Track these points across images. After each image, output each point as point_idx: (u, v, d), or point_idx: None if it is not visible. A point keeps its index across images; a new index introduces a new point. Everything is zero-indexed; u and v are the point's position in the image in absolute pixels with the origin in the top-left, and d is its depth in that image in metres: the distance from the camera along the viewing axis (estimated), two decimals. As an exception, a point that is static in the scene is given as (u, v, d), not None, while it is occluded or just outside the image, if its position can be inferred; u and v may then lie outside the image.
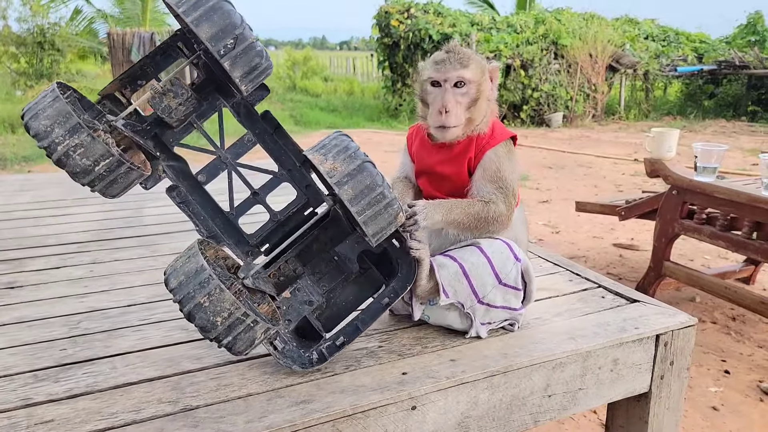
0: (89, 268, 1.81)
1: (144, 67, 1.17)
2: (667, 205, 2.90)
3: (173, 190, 1.20)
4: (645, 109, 12.99)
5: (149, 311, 1.49)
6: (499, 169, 1.22)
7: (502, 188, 1.22)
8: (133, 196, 2.79)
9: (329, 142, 1.04)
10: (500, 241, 1.24)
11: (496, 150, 1.24)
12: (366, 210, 0.99)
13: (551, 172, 6.90)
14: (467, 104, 1.22)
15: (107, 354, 1.26)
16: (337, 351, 1.15)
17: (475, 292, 1.21)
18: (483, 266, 1.20)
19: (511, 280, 1.23)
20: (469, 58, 1.24)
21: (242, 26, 1.00)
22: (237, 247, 1.22)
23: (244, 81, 1.03)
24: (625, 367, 1.29)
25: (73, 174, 0.98)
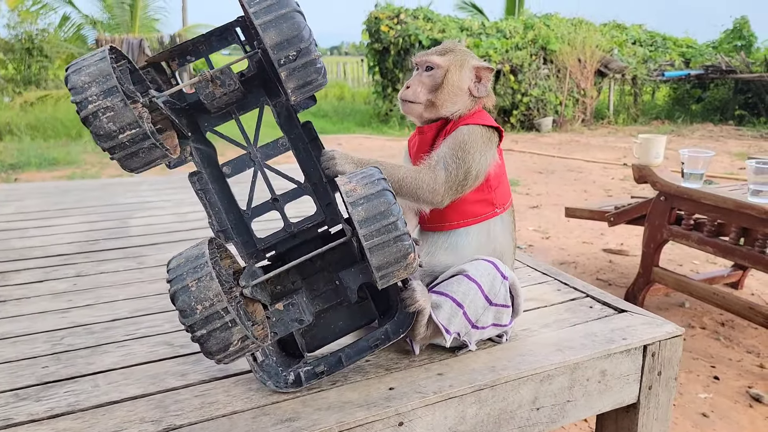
0: (73, 282, 1.78)
1: (197, 45, 1.16)
2: (656, 211, 2.91)
3: (195, 176, 1.18)
4: (634, 114, 13.11)
5: (134, 326, 1.47)
6: (466, 142, 1.18)
7: (455, 158, 1.16)
8: (119, 206, 2.76)
9: (360, 172, 1.03)
10: (485, 261, 1.22)
11: (472, 127, 1.21)
12: (374, 236, 0.95)
13: (541, 177, 6.93)
14: (430, 86, 1.25)
15: (90, 371, 1.24)
16: (314, 379, 1.13)
17: (469, 319, 1.21)
18: (473, 292, 1.19)
19: (500, 299, 1.23)
20: (448, 50, 1.27)
21: (308, 41, 1.00)
22: (243, 247, 1.21)
23: (295, 92, 1.04)
24: (613, 378, 1.29)
25: (97, 136, 0.95)
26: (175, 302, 0.95)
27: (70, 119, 10.16)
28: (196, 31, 15.56)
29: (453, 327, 1.20)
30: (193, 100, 1.16)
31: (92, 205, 2.78)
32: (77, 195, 3.01)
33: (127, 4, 14.14)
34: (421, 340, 1.24)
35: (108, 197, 2.95)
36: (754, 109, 12.27)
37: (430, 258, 1.31)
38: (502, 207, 1.28)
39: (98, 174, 7.08)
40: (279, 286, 1.22)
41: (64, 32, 15.28)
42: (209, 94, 1.10)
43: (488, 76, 1.27)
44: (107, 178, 6.73)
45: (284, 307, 1.17)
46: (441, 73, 1.25)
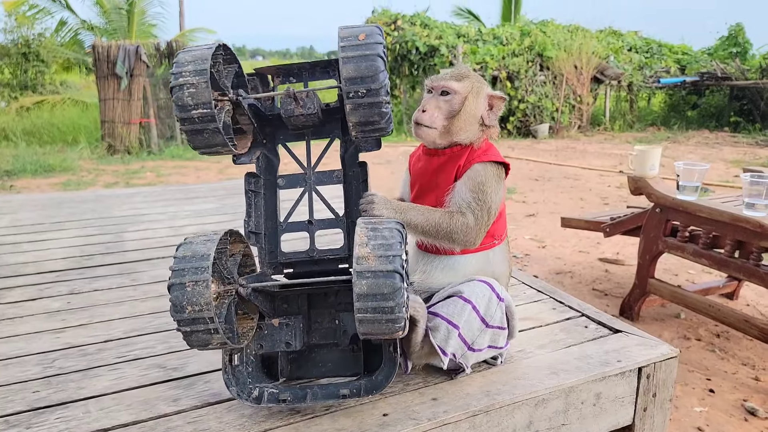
0: (67, 300, 1.77)
1: (302, 69, 1.26)
2: (651, 223, 2.92)
3: (252, 177, 1.26)
4: (630, 120, 13.17)
5: (127, 347, 1.46)
6: (484, 183, 1.21)
7: (478, 201, 1.20)
8: (114, 219, 2.75)
9: (384, 228, 1.01)
10: (480, 282, 1.23)
11: (486, 165, 1.23)
12: (367, 313, 0.96)
13: (538, 185, 6.94)
14: (447, 111, 1.24)
15: (81, 397, 1.23)
16: (275, 403, 1.12)
17: (465, 341, 1.20)
18: (469, 314, 1.19)
19: (497, 321, 1.22)
20: (464, 76, 1.27)
21: (381, 84, 1.05)
22: (267, 255, 1.25)
23: (356, 128, 1.10)
24: (608, 400, 1.28)
25: (176, 105, 1.05)
26: (170, 293, 1.00)
27: (67, 125, 10.16)
28: (193, 36, 15.56)
29: (449, 348, 1.20)
30: (277, 113, 1.24)
31: (87, 218, 2.77)
32: (72, 207, 3.00)
33: (124, 9, 14.13)
34: (416, 358, 1.23)
35: (103, 209, 2.94)
36: (749, 116, 12.34)
37: (426, 277, 1.30)
38: (500, 239, 1.30)
39: (94, 181, 7.06)
40: (285, 304, 1.24)
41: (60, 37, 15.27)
42: (290, 111, 1.17)
43: (500, 106, 1.28)
44: (102, 186, 6.72)
45: (279, 324, 1.18)
46: (459, 99, 1.24)
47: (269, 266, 1.25)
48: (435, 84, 1.27)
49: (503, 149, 9.89)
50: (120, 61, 8.72)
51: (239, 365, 1.16)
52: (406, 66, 12.57)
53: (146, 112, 9.23)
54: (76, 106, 11.19)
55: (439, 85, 1.25)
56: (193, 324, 0.99)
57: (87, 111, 10.84)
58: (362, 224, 1.02)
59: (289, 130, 1.26)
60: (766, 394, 2.36)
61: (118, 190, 3.54)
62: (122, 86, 8.85)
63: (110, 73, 8.87)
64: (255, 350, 1.18)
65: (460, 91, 1.24)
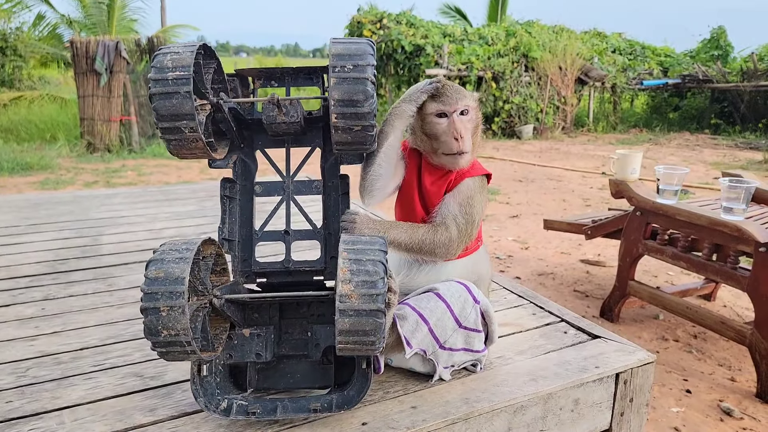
0: (41, 306, 1.73)
1: (285, 74, 1.24)
2: (631, 226, 2.95)
3: (228, 183, 1.23)
4: (613, 122, 13.32)
5: (102, 355, 1.43)
6: (472, 197, 1.23)
7: (465, 215, 1.22)
8: (92, 221, 2.71)
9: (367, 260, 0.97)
10: (458, 283, 1.23)
11: (474, 179, 1.26)
12: (348, 344, 0.97)
13: (521, 186, 6.99)
14: (472, 130, 1.25)
15: (55, 407, 1.20)
16: (243, 415, 1.10)
17: (436, 338, 1.20)
18: (442, 311, 1.20)
19: (471, 323, 1.23)
20: (462, 90, 1.26)
21: (368, 108, 1.05)
22: (240, 264, 1.23)
23: (339, 145, 1.12)
24: (586, 406, 1.29)
25: (156, 113, 1.02)
26: (144, 316, 0.97)
27: (45, 121, 9.95)
28: (175, 32, 15.36)
29: (415, 341, 1.20)
30: (257, 118, 1.22)
31: (64, 220, 2.72)
32: (48, 209, 2.94)
33: (104, 3, 13.89)
34: (385, 348, 1.21)
35: (80, 211, 2.88)
36: (729, 118, 12.57)
37: (409, 280, 1.31)
38: (481, 240, 1.33)
39: (73, 180, 6.94)
40: (256, 314, 1.21)
41: (38, 31, 14.97)
42: (271, 117, 1.15)
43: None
44: (82, 185, 6.60)
45: (249, 335, 1.17)
46: (474, 115, 1.25)
47: (242, 275, 1.23)
48: (455, 107, 1.21)
49: (488, 150, 9.95)
50: (99, 57, 8.58)
51: (207, 376, 1.14)
52: (391, 65, 12.56)
53: (126, 110, 9.09)
54: (55, 103, 10.96)
55: (458, 107, 1.22)
56: (168, 346, 0.97)
57: (66, 107, 10.63)
58: (345, 254, 0.98)
59: (268, 135, 1.24)
60: (741, 394, 2.41)
61: (96, 191, 3.47)
62: (102, 83, 8.71)
63: (89, 70, 8.71)
64: (224, 360, 1.17)
65: (474, 106, 1.25)
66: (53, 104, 10.89)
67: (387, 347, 1.22)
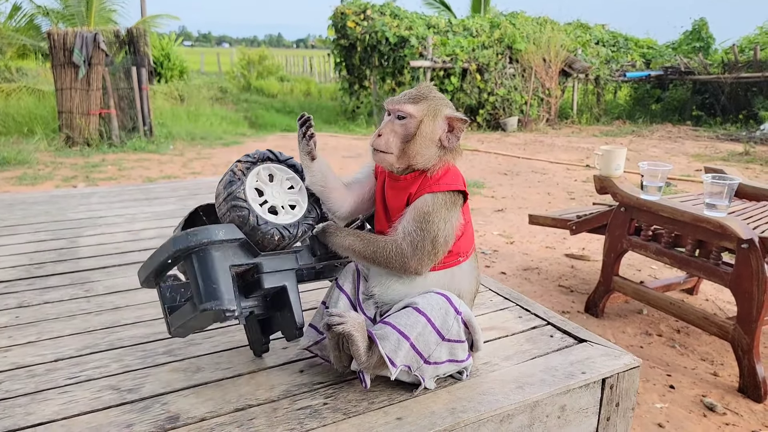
0: (15, 314, 1.68)
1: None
2: (616, 222, 2.96)
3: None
4: (596, 113, 13.41)
5: (78, 367, 1.38)
6: (429, 213, 1.17)
7: (420, 231, 1.16)
8: (69, 222, 2.64)
9: None
10: (437, 294, 1.20)
11: (436, 196, 1.19)
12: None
13: (506, 179, 7.01)
14: (402, 135, 1.21)
15: (29, 424, 1.16)
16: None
17: (420, 353, 1.18)
18: (423, 326, 1.17)
19: (453, 334, 1.20)
20: (422, 98, 1.22)
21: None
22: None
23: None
24: (572, 412, 1.29)
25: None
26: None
27: (22, 114, 9.70)
28: (155, 22, 15.07)
29: (399, 360, 1.17)
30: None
31: (39, 221, 2.64)
32: (23, 209, 2.86)
33: (83, -7, 13.56)
34: (368, 369, 1.20)
35: (56, 212, 2.81)
36: (710, 110, 12.72)
37: (384, 289, 1.27)
38: (465, 255, 1.27)
39: (51, 175, 6.79)
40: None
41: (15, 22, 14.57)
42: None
43: (461, 127, 1.22)
44: (60, 181, 6.46)
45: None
46: (414, 123, 1.20)
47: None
48: (391, 107, 1.24)
49: (473, 142, 9.95)
50: (77, 49, 8.37)
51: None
52: (376, 57, 12.47)
53: (106, 103, 8.89)
54: (32, 95, 10.69)
55: (394, 108, 1.23)
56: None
57: (44, 100, 10.37)
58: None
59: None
60: (724, 389, 2.44)
61: (73, 191, 3.39)
62: (80, 75, 8.50)
63: (67, 62, 8.50)
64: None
65: (415, 115, 1.20)
66: (31, 97, 10.61)
67: (371, 367, 1.19)
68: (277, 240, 1.22)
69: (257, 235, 1.20)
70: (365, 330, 1.19)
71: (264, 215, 1.22)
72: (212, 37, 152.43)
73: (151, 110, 9.44)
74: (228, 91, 14.99)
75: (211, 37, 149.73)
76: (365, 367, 1.19)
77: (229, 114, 12.52)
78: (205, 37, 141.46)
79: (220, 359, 1.43)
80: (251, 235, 1.20)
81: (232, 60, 20.42)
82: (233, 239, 1.17)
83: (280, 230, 1.22)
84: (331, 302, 1.31)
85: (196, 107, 12.14)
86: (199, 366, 1.39)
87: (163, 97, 12.41)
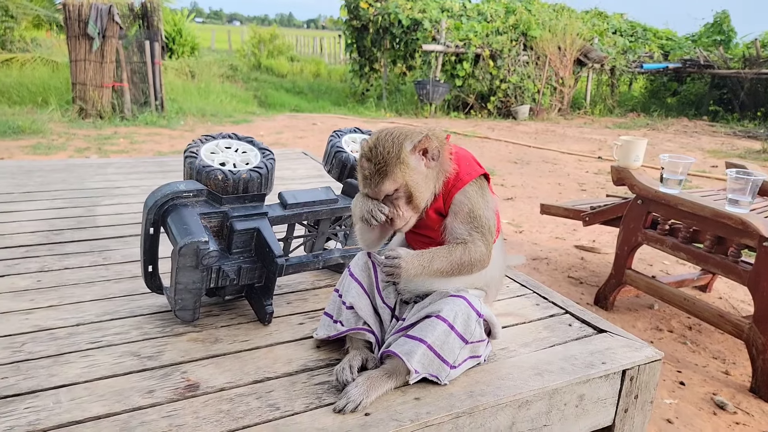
0: (36, 278, 1.69)
1: None
2: (632, 214, 2.94)
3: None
4: (610, 105, 13.24)
5: (99, 332, 1.40)
6: (472, 209, 1.18)
7: (478, 228, 1.18)
8: (86, 191, 2.64)
9: None
10: (458, 299, 1.19)
11: (465, 191, 1.19)
12: None
13: (516, 168, 6.96)
14: (404, 202, 1.17)
15: (52, 385, 1.17)
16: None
17: (446, 362, 1.19)
18: (448, 335, 1.17)
19: (476, 336, 1.22)
20: (385, 165, 1.14)
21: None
22: None
23: None
24: (591, 402, 1.29)
25: None
26: None
27: (36, 85, 9.70)
28: (170, -4, 14.94)
29: (428, 369, 1.18)
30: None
31: (58, 189, 2.65)
32: (42, 176, 2.86)
33: (97, -37, 13.42)
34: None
35: (74, 180, 2.81)
36: (728, 105, 12.51)
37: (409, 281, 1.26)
38: (498, 233, 1.26)
39: (65, 145, 6.80)
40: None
41: (30, -9, 14.47)
42: None
43: (430, 146, 1.16)
44: (73, 152, 6.47)
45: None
46: (403, 189, 1.15)
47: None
48: (373, 194, 1.17)
49: (483, 129, 9.87)
50: (92, 21, 8.32)
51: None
52: (388, 39, 12.33)
53: (119, 76, 8.86)
54: (47, 66, 10.67)
55: (378, 193, 1.16)
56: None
57: (58, 71, 10.35)
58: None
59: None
60: (735, 388, 2.43)
61: (90, 160, 3.39)
62: (94, 47, 8.47)
63: (82, 33, 8.45)
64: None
65: (398, 186, 1.15)
66: (45, 67, 10.60)
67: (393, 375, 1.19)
68: (221, 179, 1.39)
69: (203, 177, 1.39)
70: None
71: (208, 161, 1.42)
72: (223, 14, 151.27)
73: (162, 85, 9.40)
74: (238, 69, 14.89)
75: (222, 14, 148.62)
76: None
77: (239, 92, 12.46)
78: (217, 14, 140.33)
79: (237, 332, 1.44)
80: (199, 179, 1.40)
81: (242, 38, 20.25)
82: (194, 190, 1.37)
83: (223, 171, 1.40)
84: (343, 289, 1.31)
85: (207, 84, 12.08)
86: (217, 337, 1.40)
87: (175, 72, 12.35)
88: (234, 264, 1.43)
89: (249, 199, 1.45)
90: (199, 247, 1.30)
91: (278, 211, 1.53)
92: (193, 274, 1.35)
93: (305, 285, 1.74)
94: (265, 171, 1.47)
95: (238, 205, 1.44)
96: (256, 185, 1.45)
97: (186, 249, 1.29)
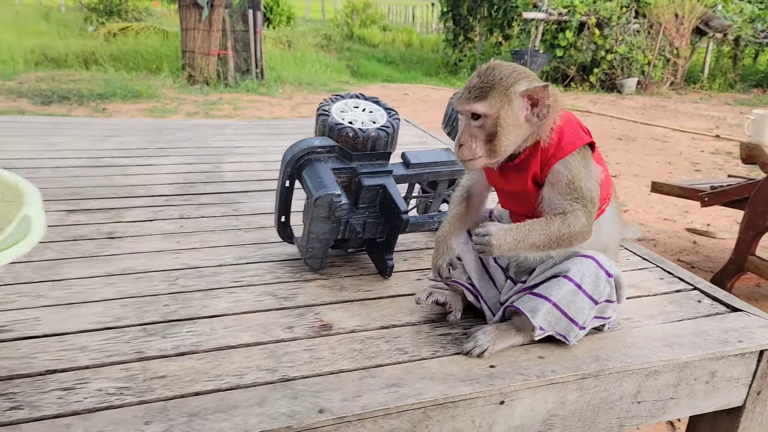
0: (179, 224, 1.88)
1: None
2: (761, 196, 2.71)
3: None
4: (731, 79, 12.00)
5: (238, 273, 1.54)
6: (572, 180, 1.12)
7: (578, 198, 1.12)
8: (210, 150, 2.86)
9: None
10: (586, 259, 1.17)
11: (565, 161, 1.13)
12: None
13: (621, 144, 6.58)
14: (485, 137, 1.12)
15: (206, 314, 1.32)
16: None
17: (575, 322, 1.18)
18: (575, 295, 1.16)
19: (605, 296, 1.19)
20: (489, 87, 1.10)
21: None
22: None
23: None
24: (722, 380, 1.24)
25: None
26: None
27: (149, 52, 10.47)
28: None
29: (554, 327, 1.19)
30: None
31: (185, 146, 2.89)
32: (171, 134, 3.14)
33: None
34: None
35: (199, 139, 3.06)
36: None
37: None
38: (606, 201, 1.22)
39: (177, 109, 7.34)
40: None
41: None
42: None
43: (545, 95, 1.10)
44: (184, 116, 6.97)
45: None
46: (490, 121, 1.11)
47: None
48: (460, 108, 1.14)
49: (584, 102, 9.37)
50: (203, -7, 8.79)
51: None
52: (485, 6, 11.93)
53: (224, 44, 9.35)
54: (158, 35, 11.47)
55: (464, 109, 1.13)
56: None
57: (168, 40, 11.10)
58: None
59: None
60: None
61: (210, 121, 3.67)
62: (203, 16, 8.96)
63: (192, 3, 8.97)
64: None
65: (488, 113, 1.10)
66: (157, 36, 11.40)
67: (521, 331, 1.21)
68: (351, 136, 1.47)
69: (335, 134, 1.48)
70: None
71: (340, 119, 1.50)
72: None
73: (263, 53, 9.79)
74: (332, 39, 15.13)
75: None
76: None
77: (333, 62, 12.68)
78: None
79: (360, 282, 1.53)
80: (331, 136, 1.49)
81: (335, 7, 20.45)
82: (327, 146, 1.47)
83: (354, 129, 1.48)
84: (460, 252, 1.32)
85: (302, 53, 12.42)
86: (342, 285, 1.50)
87: (272, 42, 12.80)
88: (360, 218, 1.52)
89: (376, 156, 1.52)
90: (332, 200, 1.40)
91: (402, 170, 1.60)
92: (325, 224, 1.45)
93: (419, 245, 1.80)
94: (391, 130, 1.53)
95: (366, 162, 1.51)
96: (382, 143, 1.51)
97: (321, 201, 1.39)
